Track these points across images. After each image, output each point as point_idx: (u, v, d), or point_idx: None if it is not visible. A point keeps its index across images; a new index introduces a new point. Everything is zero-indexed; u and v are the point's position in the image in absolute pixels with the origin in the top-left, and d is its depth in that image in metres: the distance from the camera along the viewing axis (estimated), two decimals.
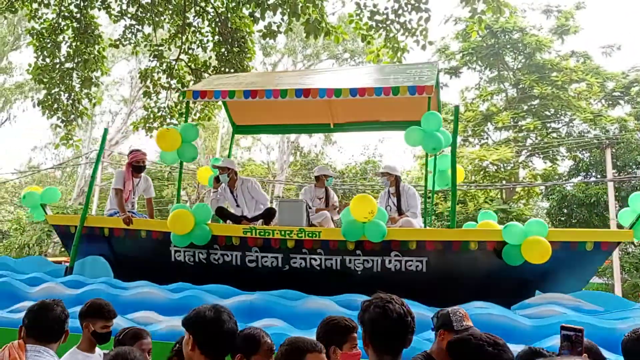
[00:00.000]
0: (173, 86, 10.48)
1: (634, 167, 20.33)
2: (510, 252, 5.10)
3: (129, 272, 5.79)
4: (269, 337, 2.67)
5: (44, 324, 2.71)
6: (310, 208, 6.56)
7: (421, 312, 4.52)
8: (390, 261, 5.38)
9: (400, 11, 9.03)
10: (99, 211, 24.63)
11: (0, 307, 5.13)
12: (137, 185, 6.60)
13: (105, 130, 7.13)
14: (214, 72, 10.29)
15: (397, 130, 7.39)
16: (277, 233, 5.58)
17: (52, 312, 2.75)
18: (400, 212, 6.29)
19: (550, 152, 22.21)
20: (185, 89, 6.46)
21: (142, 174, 6.69)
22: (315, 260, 5.55)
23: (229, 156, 7.67)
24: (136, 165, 6.54)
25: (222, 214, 6.32)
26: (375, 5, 9.20)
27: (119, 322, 4.29)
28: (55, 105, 10.06)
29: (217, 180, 6.63)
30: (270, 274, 5.60)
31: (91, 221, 6.33)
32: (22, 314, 2.91)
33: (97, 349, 3.36)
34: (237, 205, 6.57)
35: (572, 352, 2.27)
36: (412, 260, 5.36)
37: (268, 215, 6.27)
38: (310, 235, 5.53)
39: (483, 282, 5.21)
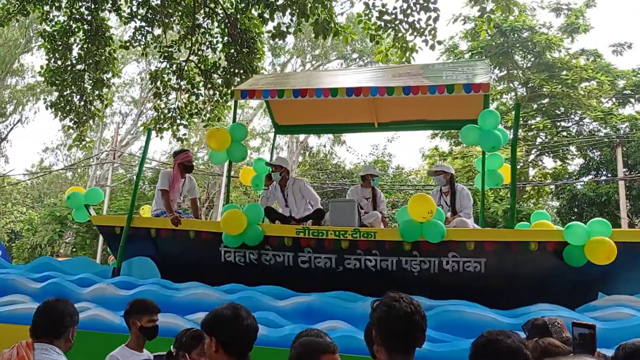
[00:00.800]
0: (183, 87, 10.55)
1: None
2: (572, 253, 4.99)
3: (176, 273, 5.73)
4: (329, 337, 2.71)
5: (46, 321, 2.77)
6: (362, 208, 6.45)
7: (487, 314, 4.51)
8: (447, 262, 5.25)
9: (409, 11, 9.03)
10: (109, 212, 24.81)
11: None
12: (183, 185, 6.57)
13: (149, 130, 7.09)
14: (224, 73, 10.35)
15: (443, 129, 7.39)
16: (331, 233, 5.49)
17: (54, 310, 2.81)
18: (454, 211, 6.20)
19: (560, 150, 22.07)
20: (233, 88, 6.54)
21: (187, 174, 6.67)
22: (370, 261, 5.42)
23: (271, 156, 7.64)
24: (187, 165, 6.50)
25: (269, 214, 6.23)
26: (384, 5, 9.21)
27: (180, 323, 4.42)
28: (67, 107, 10.16)
29: (268, 178, 6.56)
30: (323, 275, 5.52)
31: (137, 222, 6.26)
32: (80, 315, 3.02)
33: (145, 350, 3.45)
34: (286, 205, 6.49)
35: (585, 349, 2.28)
36: (470, 261, 5.23)
37: (317, 216, 6.20)
38: (365, 235, 5.44)
39: (543, 283, 5.12)
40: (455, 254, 5.25)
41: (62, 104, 10.10)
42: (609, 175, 20.46)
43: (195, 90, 10.58)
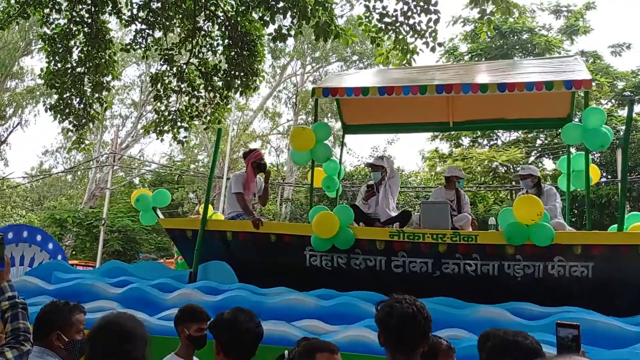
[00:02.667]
0: (183, 90, 10.53)
1: None
2: None
3: (254, 277, 5.48)
4: (445, 340, 2.76)
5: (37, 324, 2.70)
6: (454, 210, 6.27)
7: (612, 322, 4.29)
8: (553, 266, 5.01)
9: (409, 13, 9.01)
10: (110, 215, 24.77)
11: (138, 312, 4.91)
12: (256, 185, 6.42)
13: (219, 131, 6.89)
14: (224, 75, 10.34)
15: (524, 128, 7.06)
16: (427, 237, 5.24)
17: (41, 312, 2.75)
18: None
19: (560, 152, 22.06)
20: (314, 86, 6.24)
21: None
22: (470, 265, 5.19)
23: (340, 157, 7.58)
24: (259, 164, 6.37)
25: (355, 215, 5.95)
26: (384, 8, 9.20)
27: (290, 331, 4.30)
28: (67, 110, 10.13)
29: (370, 187, 6.45)
30: (418, 279, 5.28)
31: (212, 225, 6.03)
32: (171, 322, 3.06)
33: (195, 359, 3.39)
34: (377, 204, 6.31)
35: (569, 349, 2.29)
36: (577, 266, 4.98)
37: (404, 219, 6.04)
38: (465, 239, 5.19)
39: None
40: (562, 258, 5.01)
41: (62, 107, 10.08)
42: (609, 177, 20.46)
43: (195, 92, 10.56)
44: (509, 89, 5.30)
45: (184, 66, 10.41)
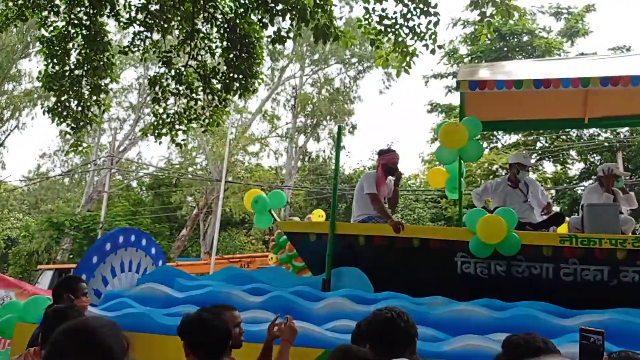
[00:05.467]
0: (181, 92, 10.47)
1: None
2: None
3: (390, 285, 5.07)
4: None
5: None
6: (621, 213, 5.83)
7: None
8: None
9: (409, 15, 8.97)
10: (108, 218, 24.67)
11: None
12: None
13: (340, 128, 6.64)
14: (223, 78, 10.27)
15: None
16: (605, 242, 4.81)
17: (66, 319, 2.72)
18: None
19: (561, 155, 22.06)
20: (460, 79, 5.82)
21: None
22: None
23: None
24: (391, 167, 5.91)
25: None
26: (384, 10, 9.15)
27: (483, 343, 3.78)
28: (65, 112, 10.06)
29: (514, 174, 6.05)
30: (591, 289, 4.88)
31: (342, 228, 5.55)
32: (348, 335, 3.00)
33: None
34: (524, 207, 5.93)
35: (593, 355, 2.24)
36: None
37: (558, 221, 5.73)
38: None
39: None
40: None
41: (60, 109, 10.00)
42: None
43: (194, 95, 10.50)
44: None
45: (183, 68, 10.34)
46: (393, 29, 9.18)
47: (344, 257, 5.41)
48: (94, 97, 10.22)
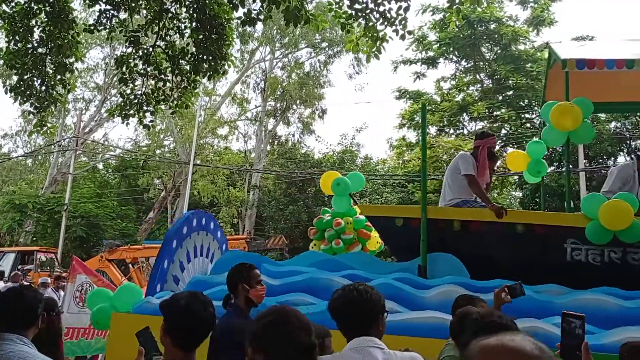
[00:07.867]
0: (150, 73, 10.30)
1: (604, 157, 20.80)
2: None
3: (489, 272, 4.78)
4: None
5: (15, 311, 2.63)
6: None
7: None
8: None
9: (379, 0, 9.02)
10: (72, 200, 24.23)
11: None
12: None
13: (424, 105, 6.33)
14: (192, 59, 10.15)
15: None
16: None
17: (23, 298, 2.68)
18: None
19: (524, 142, 22.53)
20: (565, 58, 5.52)
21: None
22: None
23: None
24: (491, 152, 5.63)
25: None
26: None
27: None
28: (28, 92, 9.80)
29: None
30: None
31: (434, 213, 5.25)
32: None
33: None
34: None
35: (573, 339, 2.31)
36: None
37: None
38: None
39: None
40: None
41: (23, 88, 9.74)
42: (571, 166, 21.01)
43: (162, 76, 10.34)
44: None
45: (151, 49, 10.17)
46: (364, 14, 9.20)
47: (436, 243, 5.16)
48: (59, 76, 9.97)
